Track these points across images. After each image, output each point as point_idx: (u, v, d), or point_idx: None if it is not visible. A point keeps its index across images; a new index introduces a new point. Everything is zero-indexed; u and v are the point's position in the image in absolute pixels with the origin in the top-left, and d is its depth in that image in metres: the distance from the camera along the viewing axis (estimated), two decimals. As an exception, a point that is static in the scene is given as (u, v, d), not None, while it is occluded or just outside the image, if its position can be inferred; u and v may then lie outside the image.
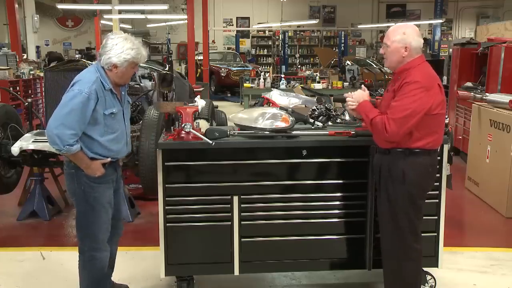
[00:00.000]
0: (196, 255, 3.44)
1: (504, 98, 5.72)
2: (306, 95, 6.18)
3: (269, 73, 13.41)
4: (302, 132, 3.50)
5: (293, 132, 3.42)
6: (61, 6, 19.05)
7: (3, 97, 8.56)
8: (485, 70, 7.41)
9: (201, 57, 16.25)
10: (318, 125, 3.62)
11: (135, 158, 4.72)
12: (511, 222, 5.21)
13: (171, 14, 18.73)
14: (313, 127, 3.61)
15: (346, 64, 14.00)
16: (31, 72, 10.39)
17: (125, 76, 3.08)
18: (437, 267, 3.59)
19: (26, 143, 4.84)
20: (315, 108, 3.75)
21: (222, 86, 17.28)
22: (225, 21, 23.35)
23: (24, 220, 5.15)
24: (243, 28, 23.42)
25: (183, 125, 3.26)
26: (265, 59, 23.46)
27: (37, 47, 14.88)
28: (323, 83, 12.12)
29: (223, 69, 17.08)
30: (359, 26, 22.37)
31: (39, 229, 5.03)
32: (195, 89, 9.57)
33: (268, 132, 3.38)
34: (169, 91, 6.68)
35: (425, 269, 3.50)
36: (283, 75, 12.96)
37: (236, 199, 3.38)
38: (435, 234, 3.52)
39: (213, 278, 3.78)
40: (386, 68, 3.47)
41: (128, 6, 18.12)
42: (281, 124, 3.37)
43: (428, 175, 3.08)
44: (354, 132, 3.42)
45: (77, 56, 16.06)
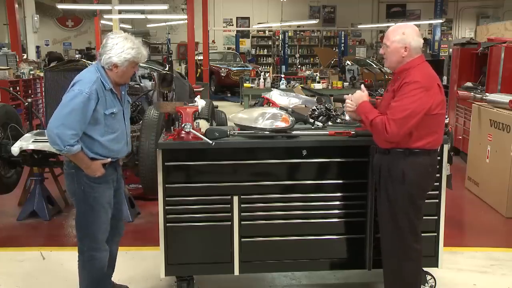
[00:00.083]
0: (196, 255, 3.44)
1: (504, 98, 5.72)
2: (306, 95, 6.18)
3: (269, 73, 13.40)
4: (302, 132, 3.49)
5: (293, 132, 3.42)
6: (61, 6, 19.06)
7: (3, 97, 8.56)
8: (485, 70, 7.40)
9: (201, 57, 16.24)
10: (318, 125, 3.62)
11: (135, 158, 4.72)
12: (511, 222, 5.21)
13: (171, 14, 18.73)
14: (313, 127, 3.61)
15: (346, 64, 13.99)
16: (31, 72, 10.38)
17: (125, 75, 3.09)
18: (437, 267, 3.59)
19: (26, 143, 4.84)
20: (315, 108, 3.75)
21: (222, 86, 17.27)
22: (225, 21, 23.34)
23: (24, 220, 5.15)
24: (243, 28, 23.42)
25: (183, 125, 3.26)
26: (265, 59, 23.45)
27: (37, 47, 14.88)
28: (323, 83, 12.11)
29: (223, 69, 17.07)
30: (359, 26, 22.37)
31: (39, 229, 5.03)
32: (195, 89, 9.57)
33: (268, 132, 3.38)
34: (169, 91, 6.68)
35: (425, 269, 3.50)
36: (283, 75, 12.94)
37: (236, 199, 3.38)
38: (435, 234, 3.52)
39: (213, 278, 3.78)
40: (386, 68, 3.46)
41: (128, 6, 18.12)
42: (281, 124, 3.37)
43: (428, 175, 3.08)
44: (354, 132, 3.42)
45: (77, 56, 16.06)
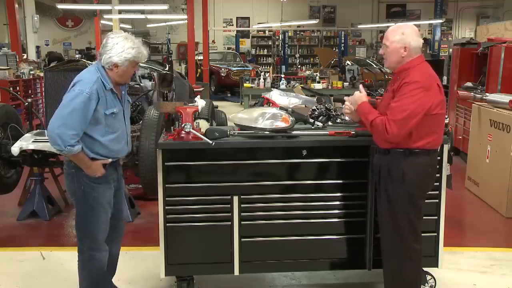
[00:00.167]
0: (196, 255, 3.44)
1: (504, 98, 5.72)
2: (306, 95, 6.18)
3: (269, 73, 13.39)
4: (302, 132, 3.49)
5: (293, 132, 3.42)
6: (61, 6, 19.05)
7: (3, 97, 8.55)
8: (485, 70, 7.40)
9: (201, 57, 16.24)
10: (318, 125, 3.62)
11: (135, 158, 4.72)
12: (511, 222, 5.21)
13: (171, 14, 18.72)
14: (313, 127, 3.61)
15: (346, 64, 13.98)
16: (31, 72, 10.37)
17: (125, 75, 3.09)
18: (437, 267, 3.59)
19: (26, 143, 4.84)
20: (315, 108, 3.75)
21: (222, 86, 17.27)
22: (225, 21, 23.34)
23: (24, 220, 5.15)
24: (243, 28, 23.42)
25: (183, 125, 3.26)
26: (265, 59, 23.45)
27: (37, 47, 14.87)
28: (323, 83, 12.10)
29: (223, 69, 17.07)
30: (359, 26, 22.37)
31: (39, 229, 5.03)
32: (195, 89, 9.57)
33: (268, 132, 3.38)
34: (169, 91, 6.68)
35: (425, 269, 3.50)
36: (283, 75, 12.94)
37: (236, 199, 3.38)
38: (435, 234, 3.52)
39: (213, 278, 3.78)
40: (386, 68, 3.46)
41: (128, 6, 18.12)
42: (281, 124, 3.37)
43: (428, 175, 3.08)
44: (354, 132, 3.42)
45: (77, 56, 16.06)
